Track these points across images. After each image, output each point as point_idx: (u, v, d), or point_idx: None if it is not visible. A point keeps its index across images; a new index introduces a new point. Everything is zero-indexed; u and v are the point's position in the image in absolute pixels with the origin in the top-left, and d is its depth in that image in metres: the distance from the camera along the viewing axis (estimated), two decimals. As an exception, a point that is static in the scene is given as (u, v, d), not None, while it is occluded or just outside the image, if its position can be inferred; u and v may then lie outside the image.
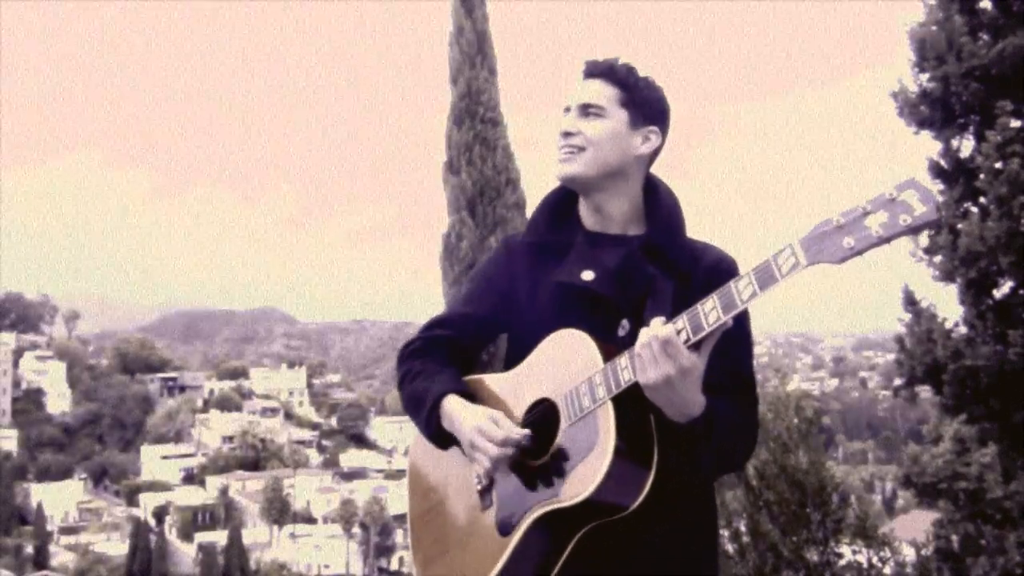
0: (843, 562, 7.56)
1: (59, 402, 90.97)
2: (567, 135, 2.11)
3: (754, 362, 2.11)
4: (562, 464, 1.88)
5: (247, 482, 71.21)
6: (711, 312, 1.73)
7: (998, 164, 6.33)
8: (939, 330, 6.96)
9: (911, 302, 7.29)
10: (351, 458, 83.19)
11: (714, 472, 2.04)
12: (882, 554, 7.63)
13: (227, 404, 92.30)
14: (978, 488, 7.29)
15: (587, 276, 2.06)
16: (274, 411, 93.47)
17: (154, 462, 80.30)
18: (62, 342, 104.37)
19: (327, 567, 58.46)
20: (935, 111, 7.10)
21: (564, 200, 2.23)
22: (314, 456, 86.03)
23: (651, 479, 1.82)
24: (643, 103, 2.12)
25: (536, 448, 1.95)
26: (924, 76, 7.16)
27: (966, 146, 7.20)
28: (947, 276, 7.03)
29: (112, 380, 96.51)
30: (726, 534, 7.48)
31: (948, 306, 7.22)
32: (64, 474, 76.75)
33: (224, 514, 64.95)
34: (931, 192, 1.59)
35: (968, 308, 7.06)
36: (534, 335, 2.05)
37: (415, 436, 2.24)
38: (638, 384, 1.79)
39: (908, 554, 7.76)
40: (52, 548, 58.65)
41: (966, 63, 6.70)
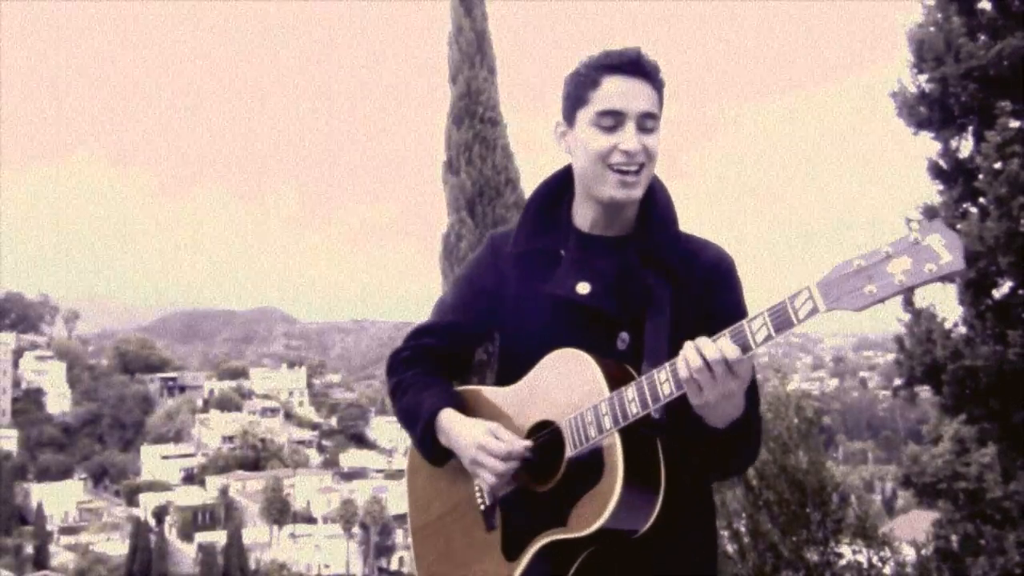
0: (843, 562, 7.56)
1: (59, 402, 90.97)
2: (629, 154, 1.91)
3: (754, 362, 2.10)
4: (568, 492, 1.85)
5: (247, 482, 71.24)
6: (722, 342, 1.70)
7: (997, 164, 6.33)
8: (938, 330, 6.95)
9: (910, 302, 7.29)
10: (351, 458, 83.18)
11: (743, 468, 2.02)
12: (882, 554, 7.63)
13: (227, 404, 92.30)
14: (978, 488, 7.29)
15: (583, 289, 1.98)
16: (274, 411, 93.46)
17: (154, 462, 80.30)
18: (62, 342, 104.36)
19: (327, 567, 58.46)
20: (934, 112, 7.10)
21: (552, 198, 2.12)
22: (314, 456, 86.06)
23: (659, 503, 1.81)
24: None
25: (540, 470, 1.92)
26: (923, 77, 7.15)
27: (965, 146, 7.19)
28: (946, 277, 7.01)
29: (112, 380, 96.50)
30: (726, 534, 7.48)
31: (947, 306, 7.22)
32: (64, 474, 76.77)
33: (224, 514, 64.95)
34: (956, 238, 1.53)
35: (967, 308, 7.06)
36: (527, 347, 2.00)
37: (411, 446, 2.21)
38: (643, 416, 1.78)
39: (908, 554, 7.76)
40: (52, 548, 58.65)
41: (964, 64, 6.69)
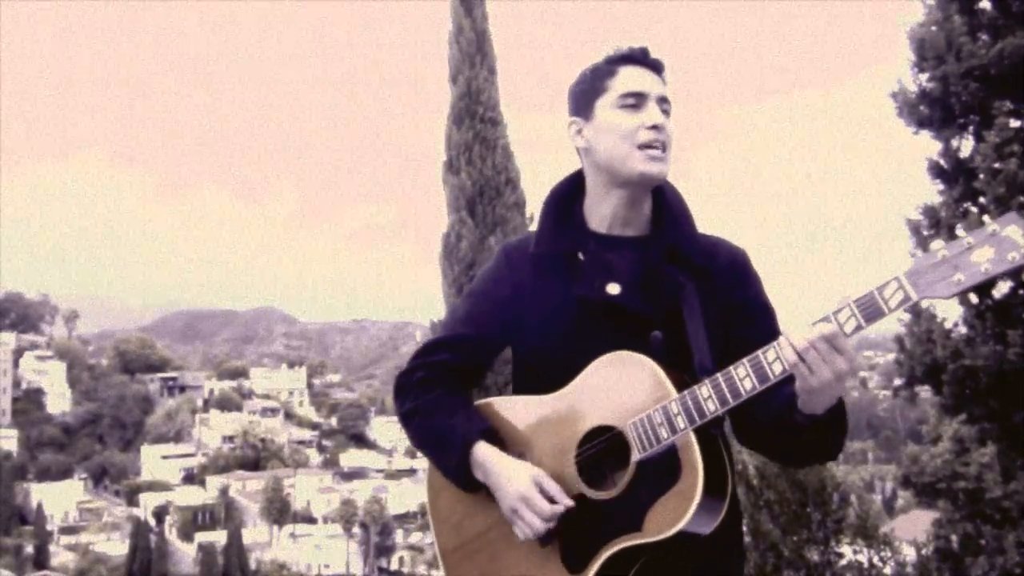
0: (843, 562, 7.57)
1: (59, 402, 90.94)
2: (656, 128, 1.94)
3: None
4: (640, 497, 1.80)
5: (247, 482, 71.22)
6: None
7: (997, 164, 6.33)
8: (939, 330, 6.95)
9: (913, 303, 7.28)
10: (351, 458, 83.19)
11: (839, 452, 1.96)
12: (882, 554, 7.64)
13: (227, 404, 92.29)
14: (977, 488, 7.29)
15: (613, 290, 1.95)
16: (274, 411, 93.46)
17: (154, 462, 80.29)
18: (62, 342, 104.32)
19: (327, 567, 58.44)
20: (934, 111, 7.09)
21: (566, 200, 2.11)
22: (314, 456, 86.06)
23: (727, 503, 1.80)
24: None
25: (600, 477, 1.88)
26: (923, 76, 7.15)
27: (965, 146, 7.19)
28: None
29: (112, 380, 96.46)
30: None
31: (948, 306, 7.21)
32: (64, 474, 76.72)
33: (224, 514, 64.92)
34: None
35: (967, 308, 7.05)
36: (554, 352, 1.96)
37: (430, 466, 2.13)
38: (718, 415, 1.76)
39: (908, 554, 7.77)
40: (52, 548, 58.62)
41: (965, 63, 6.69)
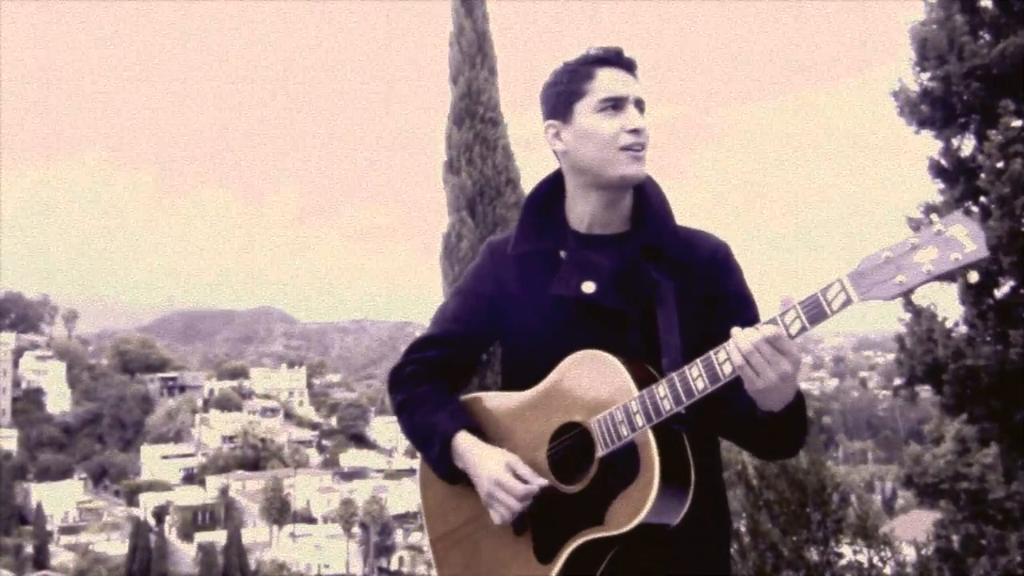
0: (843, 562, 7.56)
1: (59, 402, 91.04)
2: (638, 132, 2.00)
3: None
4: (602, 492, 1.87)
5: (247, 482, 71.27)
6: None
7: (1000, 164, 6.32)
8: (940, 330, 6.94)
9: (911, 302, 7.28)
10: (351, 458, 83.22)
11: (800, 447, 2.02)
12: (882, 554, 7.63)
13: (227, 404, 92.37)
14: (979, 488, 7.28)
15: (588, 288, 2.01)
16: (274, 411, 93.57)
17: (154, 462, 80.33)
18: (62, 342, 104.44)
19: (327, 567, 58.46)
20: (936, 110, 7.09)
21: (547, 200, 2.15)
22: (314, 456, 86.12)
23: (690, 496, 1.83)
24: None
25: (568, 472, 1.94)
26: (925, 75, 7.15)
27: (967, 145, 7.19)
28: (947, 276, 7.01)
29: (112, 380, 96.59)
30: (726, 534, 7.47)
31: (948, 306, 7.22)
32: (64, 474, 76.77)
33: (224, 514, 64.96)
34: (979, 227, 1.59)
35: (969, 308, 7.04)
36: (535, 349, 2.02)
37: (423, 461, 2.21)
38: (675, 413, 1.81)
39: (908, 554, 7.76)
40: (52, 548, 58.64)
41: (967, 62, 6.68)
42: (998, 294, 7.01)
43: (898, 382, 7.63)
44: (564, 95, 2.03)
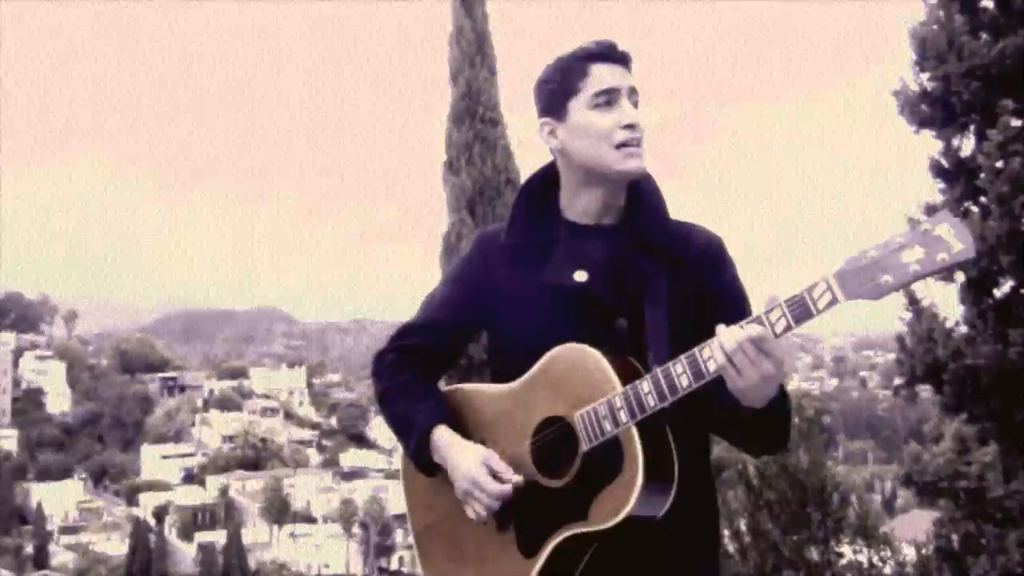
0: (843, 561, 7.57)
1: (59, 402, 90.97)
2: (632, 127, 1.98)
3: None
4: (586, 487, 1.87)
5: (247, 482, 71.21)
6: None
7: (999, 163, 6.33)
8: (940, 329, 6.94)
9: (911, 301, 7.28)
10: (351, 458, 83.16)
11: (784, 443, 2.01)
12: (882, 553, 7.64)
13: (227, 404, 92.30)
14: (979, 487, 7.27)
15: (580, 277, 2.01)
16: (274, 411, 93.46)
17: (154, 462, 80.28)
18: (62, 342, 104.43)
19: (327, 567, 58.49)
20: (936, 110, 7.09)
21: (541, 191, 2.14)
22: (314, 456, 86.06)
23: (674, 490, 1.83)
24: None
25: (551, 466, 1.93)
26: (925, 75, 7.15)
27: (967, 145, 7.18)
28: (947, 275, 7.03)
29: (112, 380, 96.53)
30: (727, 533, 7.49)
31: (948, 305, 7.22)
32: (64, 474, 76.68)
33: (224, 514, 64.96)
34: (966, 227, 1.58)
35: (969, 307, 7.05)
36: (524, 340, 2.01)
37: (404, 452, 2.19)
38: (659, 409, 1.81)
39: (908, 554, 7.77)
40: (52, 548, 58.64)
41: (967, 62, 6.68)
42: (998, 293, 7.02)
43: (898, 381, 7.63)
44: (557, 92, 2.02)
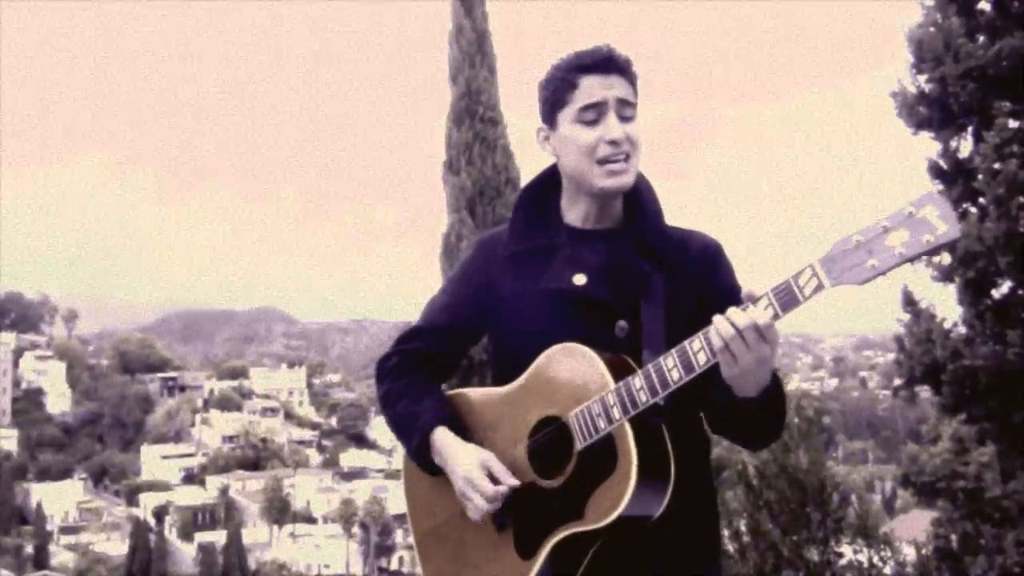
0: (843, 561, 7.57)
1: (59, 402, 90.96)
2: (616, 144, 1.96)
3: None
4: (581, 485, 1.87)
5: (247, 482, 71.23)
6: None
7: (996, 165, 6.34)
8: (938, 330, 6.96)
9: (910, 302, 7.30)
10: (351, 458, 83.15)
11: (779, 433, 2.01)
12: (882, 554, 7.65)
13: (227, 404, 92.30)
14: (976, 487, 7.30)
15: (579, 280, 2.02)
16: (274, 411, 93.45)
17: (154, 462, 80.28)
18: (62, 342, 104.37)
19: (327, 567, 58.45)
20: (933, 112, 7.11)
21: (541, 195, 2.16)
22: (314, 456, 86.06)
23: (671, 487, 1.84)
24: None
25: (547, 466, 1.94)
26: (922, 77, 7.17)
27: (965, 147, 7.20)
28: (946, 276, 7.05)
29: (112, 380, 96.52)
30: (727, 533, 7.49)
31: (947, 306, 7.24)
32: (64, 474, 76.69)
33: (224, 514, 64.94)
34: (950, 208, 1.56)
35: (967, 308, 7.07)
36: (526, 344, 2.01)
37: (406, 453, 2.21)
38: (652, 404, 1.81)
39: (908, 554, 7.77)
40: (52, 548, 58.61)
41: (963, 64, 6.70)
42: (996, 295, 7.03)
43: (898, 382, 7.65)
44: (549, 102, 2.04)
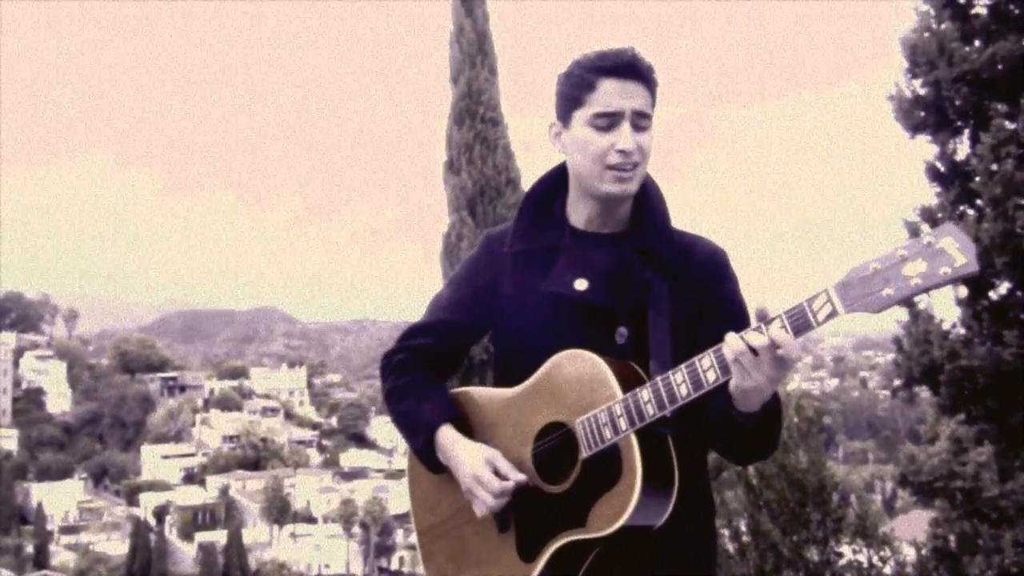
0: (843, 562, 7.58)
1: (59, 402, 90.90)
2: (625, 154, 1.95)
3: None
4: (585, 493, 1.87)
5: (247, 482, 71.17)
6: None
7: (993, 166, 6.36)
8: (936, 331, 6.98)
9: (908, 303, 7.32)
10: (351, 458, 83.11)
11: (775, 448, 2.02)
12: (882, 554, 7.66)
13: (227, 404, 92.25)
14: (974, 487, 7.32)
15: (580, 285, 2.01)
16: (274, 411, 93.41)
17: (154, 462, 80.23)
18: (62, 342, 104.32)
19: (327, 567, 58.46)
20: (928, 115, 7.12)
21: (547, 197, 2.15)
22: (314, 456, 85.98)
23: (673, 499, 1.84)
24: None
25: (552, 471, 1.94)
26: (917, 82, 7.19)
27: (961, 149, 7.22)
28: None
29: (112, 380, 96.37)
30: (726, 533, 7.50)
31: (945, 307, 7.26)
32: (64, 474, 76.64)
33: (224, 514, 64.93)
34: (969, 240, 1.55)
35: (964, 309, 7.08)
36: (526, 345, 2.02)
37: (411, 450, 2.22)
38: (659, 418, 1.81)
39: (908, 554, 7.79)
40: (52, 548, 58.61)
41: (957, 68, 6.72)
42: (993, 295, 7.05)
43: (897, 383, 7.67)
44: (565, 99, 2.01)
